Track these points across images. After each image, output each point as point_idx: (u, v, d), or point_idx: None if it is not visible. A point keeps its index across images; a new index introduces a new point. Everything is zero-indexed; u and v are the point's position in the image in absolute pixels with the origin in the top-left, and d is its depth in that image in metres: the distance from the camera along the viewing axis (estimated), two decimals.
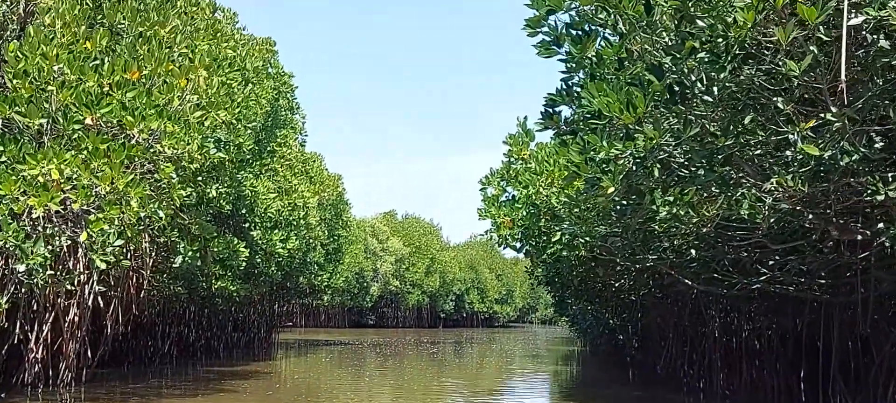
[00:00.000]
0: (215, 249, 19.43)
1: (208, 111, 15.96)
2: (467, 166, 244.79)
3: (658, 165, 9.50)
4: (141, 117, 14.10)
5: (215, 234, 19.57)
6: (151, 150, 14.68)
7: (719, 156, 9.39)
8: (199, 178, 19.46)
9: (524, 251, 16.71)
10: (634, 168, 9.56)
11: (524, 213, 16.10)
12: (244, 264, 23.67)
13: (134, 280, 19.50)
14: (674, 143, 9.33)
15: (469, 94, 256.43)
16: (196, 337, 31.20)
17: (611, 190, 9.37)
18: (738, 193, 9.65)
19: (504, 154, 16.99)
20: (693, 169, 9.49)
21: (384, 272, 76.01)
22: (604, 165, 9.62)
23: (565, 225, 13.00)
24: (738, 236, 11.03)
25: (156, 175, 15.06)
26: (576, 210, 12.20)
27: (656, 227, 12.10)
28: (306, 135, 32.25)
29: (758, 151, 9.88)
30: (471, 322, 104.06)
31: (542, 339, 68.12)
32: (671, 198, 9.64)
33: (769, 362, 17.01)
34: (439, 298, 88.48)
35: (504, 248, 17.36)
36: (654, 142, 9.01)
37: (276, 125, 28.31)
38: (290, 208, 27.50)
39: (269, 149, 28.15)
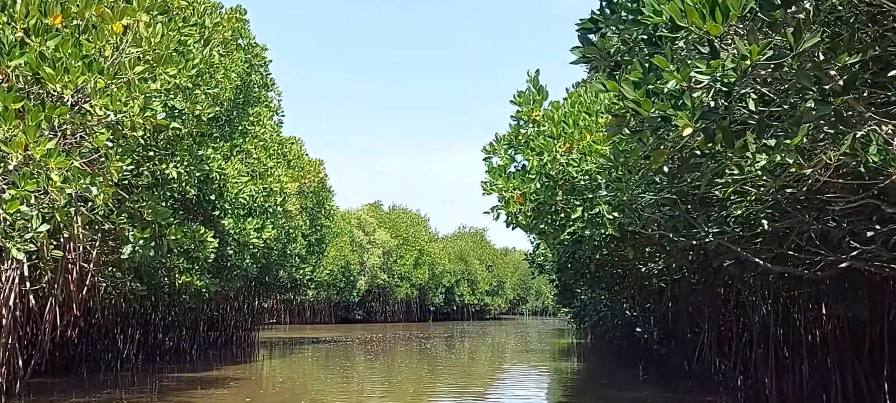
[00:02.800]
0: (173, 237, 16.62)
1: (153, 67, 13.15)
2: (453, 160, 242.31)
3: (754, 96, 6.81)
4: (64, 70, 11.29)
5: (172, 220, 16.77)
6: (80, 113, 11.88)
7: (836, 82, 6.72)
8: (152, 154, 16.68)
9: (538, 231, 13.96)
10: (717, 101, 6.86)
11: (538, 186, 13.38)
12: (213, 256, 20.95)
13: (74, 275, 16.64)
14: (773, 65, 6.65)
15: (452, 88, 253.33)
16: (162, 340, 28.33)
17: (688, 131, 6.67)
18: (858, 134, 7.00)
19: (511, 116, 14.24)
20: (801, 100, 6.81)
21: (371, 265, 73.18)
22: (673, 100, 6.92)
23: (603, 193, 10.25)
24: (833, 198, 8.38)
25: (88, 144, 12.28)
26: (616, 173, 9.47)
27: (717, 193, 9.42)
28: (283, 115, 29.39)
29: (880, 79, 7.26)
30: (461, 314, 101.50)
31: (538, 331, 65.60)
32: (770, 144, 6.94)
33: (837, 359, 14.20)
34: (428, 291, 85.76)
35: (513, 229, 14.63)
36: (751, 61, 6.32)
37: (247, 102, 25.45)
38: (265, 194, 24.66)
39: (240, 128, 25.30)
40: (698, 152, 7.87)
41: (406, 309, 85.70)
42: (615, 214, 12.84)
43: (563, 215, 13.56)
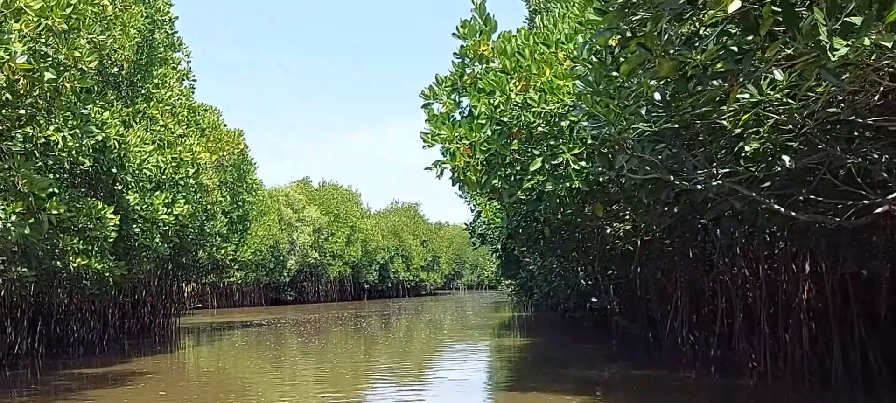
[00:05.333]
0: (55, 212, 13.95)
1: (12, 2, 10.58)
2: (385, 138, 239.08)
3: None
4: None
5: (54, 190, 14.10)
6: None
7: None
8: (23, 112, 13.97)
9: (490, 189, 11.81)
10: None
11: (488, 134, 11.24)
12: (114, 235, 18.36)
13: None
14: None
15: (371, 65, 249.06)
16: (67, 331, 25.42)
17: (734, 5, 4.58)
18: None
19: (455, 54, 12.04)
20: None
21: (302, 243, 70.23)
22: None
23: (586, 124, 8.10)
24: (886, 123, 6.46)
25: None
26: (598, 98, 7.37)
27: (725, 123, 7.44)
28: (194, 80, 26.51)
29: None
30: (396, 291, 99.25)
31: (478, 305, 63.90)
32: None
33: (837, 326, 12.31)
34: (362, 269, 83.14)
35: (460, 187, 12.49)
36: None
37: (151, 63, 22.68)
38: (174, 165, 21.97)
39: (143, 91, 22.51)
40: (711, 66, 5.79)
41: (339, 287, 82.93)
42: (582, 164, 10.81)
43: (519, 168, 11.48)
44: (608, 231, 14.82)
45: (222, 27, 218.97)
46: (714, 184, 7.62)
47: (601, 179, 10.82)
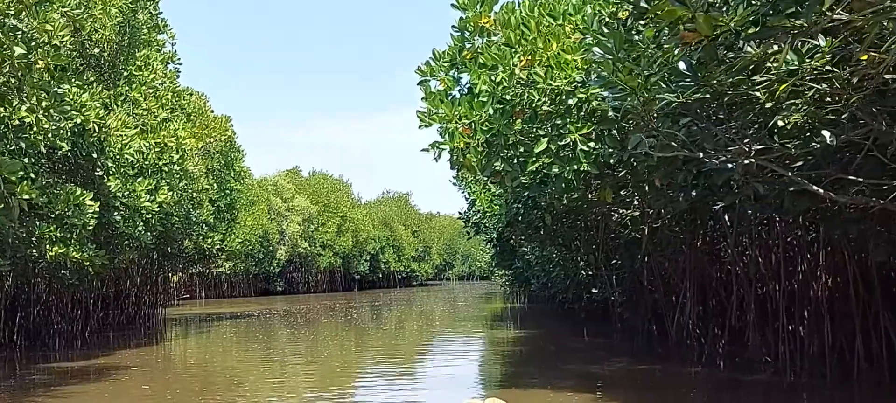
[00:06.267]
0: (26, 197, 13.10)
1: None
2: (376, 129, 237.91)
3: None
4: None
5: (25, 174, 13.26)
6: None
7: None
8: None
9: (491, 173, 11.02)
10: None
11: (490, 113, 10.45)
12: (94, 223, 17.58)
13: None
14: None
15: (368, 53, 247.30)
16: (44, 322, 24.55)
17: None
18: None
19: (453, 27, 11.24)
20: None
21: (291, 233, 69.32)
22: None
23: (607, 95, 7.25)
24: None
25: None
26: (619, 64, 6.57)
27: (757, 94, 6.70)
28: (180, 63, 25.55)
29: None
30: (387, 282, 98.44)
31: (469, 296, 63.23)
32: None
33: (860, 318, 11.50)
34: (353, 259, 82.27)
35: (458, 170, 11.74)
36: None
37: (133, 44, 21.77)
38: (158, 150, 21.08)
39: (126, 73, 21.61)
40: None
41: (330, 278, 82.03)
42: (591, 144, 10.05)
43: (522, 149, 10.70)
44: (614, 217, 14.04)
45: (212, 18, 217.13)
46: (746, 162, 6.87)
47: (612, 161, 10.05)
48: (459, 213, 37.77)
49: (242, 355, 22.27)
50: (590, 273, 21.69)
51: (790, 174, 7.06)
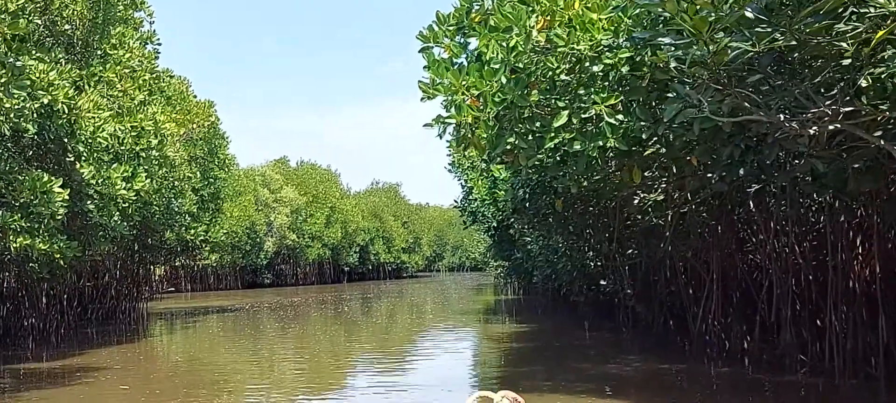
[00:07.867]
0: None
1: None
2: (364, 119, 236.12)
3: None
4: None
5: None
6: None
7: None
8: None
9: (502, 152, 9.70)
10: None
11: (502, 82, 9.15)
12: (63, 212, 16.24)
13: None
14: None
15: (350, 44, 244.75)
16: (14, 318, 23.14)
17: None
18: None
19: None
20: None
21: (279, 225, 67.90)
22: None
23: (668, 42, 5.90)
24: None
25: None
26: (684, 4, 5.26)
27: (845, 45, 5.43)
28: (159, 43, 24.03)
29: None
30: (377, 274, 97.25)
31: (462, 288, 61.95)
32: None
33: None
34: (342, 251, 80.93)
35: (464, 148, 10.42)
36: None
37: (108, 21, 20.33)
38: (134, 134, 19.62)
39: (99, 53, 20.17)
40: None
41: (319, 270, 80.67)
42: (619, 117, 8.76)
43: (539, 124, 9.39)
44: (635, 202, 12.76)
45: (200, 6, 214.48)
46: (831, 127, 5.63)
47: (644, 136, 8.75)
48: (455, 202, 36.52)
49: (229, 351, 21.14)
50: (599, 263, 20.40)
51: (882, 142, 5.81)
